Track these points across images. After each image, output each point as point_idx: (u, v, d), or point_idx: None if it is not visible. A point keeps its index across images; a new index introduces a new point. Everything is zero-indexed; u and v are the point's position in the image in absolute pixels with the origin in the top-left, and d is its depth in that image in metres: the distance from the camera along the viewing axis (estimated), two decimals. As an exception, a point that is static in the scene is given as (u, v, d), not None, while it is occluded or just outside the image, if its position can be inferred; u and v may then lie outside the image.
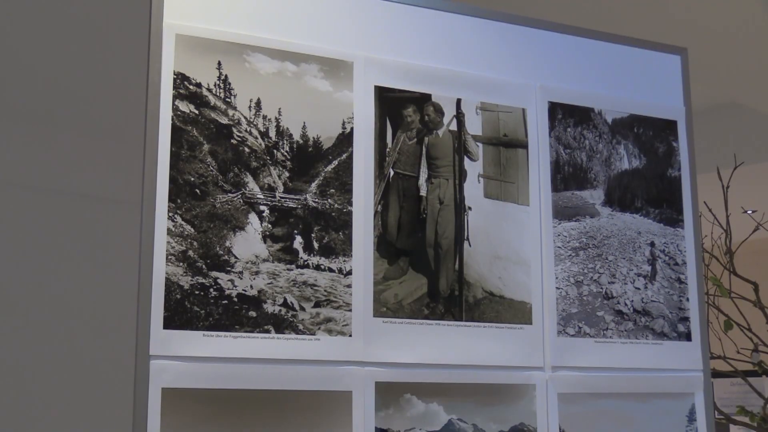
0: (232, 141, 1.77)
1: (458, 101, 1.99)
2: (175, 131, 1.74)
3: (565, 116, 2.12)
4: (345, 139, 1.87)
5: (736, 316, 3.90)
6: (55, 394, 4.19)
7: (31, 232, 4.34)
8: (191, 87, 1.76)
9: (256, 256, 1.75)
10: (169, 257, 1.69)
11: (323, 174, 1.84)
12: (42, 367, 4.21)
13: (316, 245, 1.81)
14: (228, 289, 1.72)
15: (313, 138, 1.84)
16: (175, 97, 1.75)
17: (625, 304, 2.09)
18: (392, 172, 1.91)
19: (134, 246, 1.72)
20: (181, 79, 1.75)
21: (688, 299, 2.17)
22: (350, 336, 1.80)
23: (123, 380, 2.29)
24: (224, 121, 1.77)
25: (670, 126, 2.23)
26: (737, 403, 4.15)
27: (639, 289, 2.11)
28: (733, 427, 6.16)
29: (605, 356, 2.04)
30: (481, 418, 1.88)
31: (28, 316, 4.25)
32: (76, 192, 4.45)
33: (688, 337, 2.15)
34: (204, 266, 1.71)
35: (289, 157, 1.81)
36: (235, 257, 1.74)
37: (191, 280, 1.70)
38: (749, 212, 4.10)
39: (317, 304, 1.78)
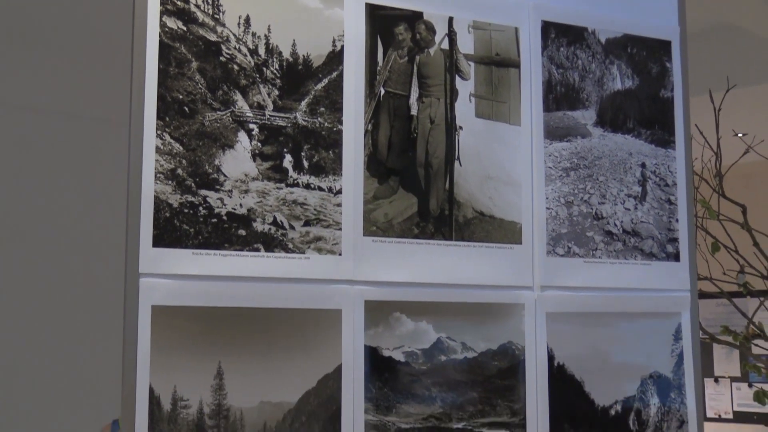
0: (220, 58, 1.75)
1: (450, 19, 1.96)
2: (163, 48, 1.71)
3: (559, 36, 2.09)
4: (335, 58, 1.85)
5: (723, 238, 3.93)
6: (45, 312, 4.21)
7: (18, 153, 4.31)
8: (179, 3, 1.73)
9: (246, 175, 1.74)
10: (158, 175, 1.68)
11: (313, 92, 1.82)
12: (30, 286, 4.23)
13: (305, 164, 1.80)
14: (217, 207, 1.71)
15: (303, 56, 1.82)
16: (162, 14, 1.71)
17: (615, 225, 2.09)
18: (383, 91, 1.89)
19: (122, 164, 1.70)
20: (168, -7, 1.72)
21: (677, 220, 2.17)
22: (340, 255, 1.80)
23: (113, 298, 2.30)
24: (213, 38, 1.75)
25: (663, 46, 2.21)
26: (721, 323, 4.20)
27: (629, 209, 2.12)
28: (717, 347, 6.26)
29: (594, 276, 2.05)
30: (469, 336, 1.90)
31: (15, 235, 4.24)
32: (63, 111, 4.41)
33: (676, 257, 2.16)
34: (193, 184, 1.70)
35: (278, 75, 1.79)
36: (225, 176, 1.73)
37: (180, 199, 1.69)
38: (740, 135, 4.09)
39: (307, 223, 1.78)
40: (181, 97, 1.71)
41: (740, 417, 6.27)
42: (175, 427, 1.64)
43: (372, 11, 1.89)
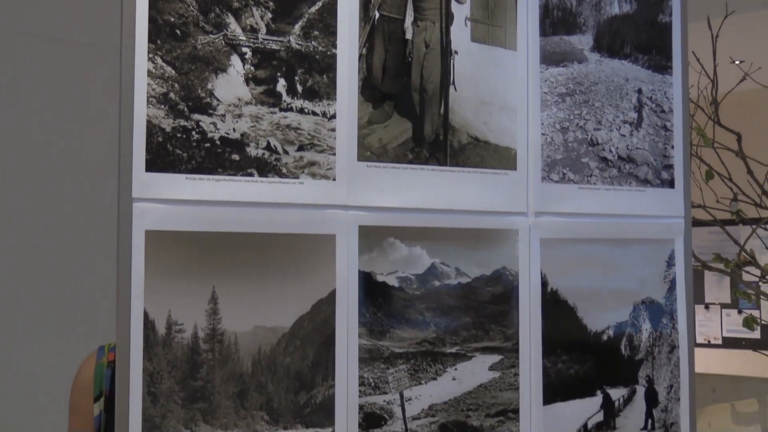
0: (212, -21, 1.72)
1: (446, -60, 1.93)
2: (153, -32, 1.67)
3: (556, -42, 2.06)
4: (329, -21, 1.81)
5: (717, 166, 3.93)
6: (38, 237, 4.21)
7: (7, 79, 4.26)
8: None
9: (239, 99, 1.73)
10: (150, 100, 1.66)
11: (307, 15, 1.79)
12: (23, 211, 4.22)
13: (299, 88, 1.78)
14: (210, 132, 1.70)
15: (296, -23, 1.78)
16: (152, -67, 1.67)
17: (610, 151, 2.09)
18: (377, 15, 1.86)
19: (114, 89, 1.68)
20: None
21: (672, 147, 2.17)
22: (334, 180, 1.79)
23: (106, 224, 2.29)
24: (204, -42, 1.71)
25: (662, -31, 2.18)
26: (713, 251, 4.23)
27: (624, 135, 2.11)
28: (708, 274, 6.31)
29: (588, 202, 2.05)
30: (463, 262, 1.90)
31: (7, 161, 4.22)
32: (53, 36, 4.35)
33: (671, 184, 2.16)
34: (186, 109, 1.68)
35: (271, -3, 1.76)
36: (218, 100, 1.71)
37: (173, 123, 1.67)
38: (737, 62, 4.06)
39: (301, 148, 1.77)
40: (172, 19, 1.68)
41: (729, 343, 6.35)
42: (170, 351, 1.65)
43: (366, -68, 1.85)
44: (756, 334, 6.07)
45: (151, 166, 1.66)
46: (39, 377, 4.00)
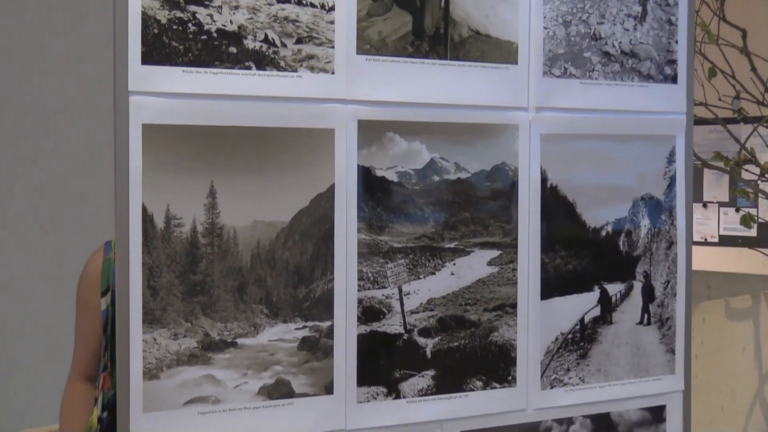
0: None
1: None
2: None
3: None
4: None
5: (721, 64, 3.88)
6: (34, 130, 4.18)
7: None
8: None
9: (235, -10, 1.69)
10: (145, -11, 1.62)
11: None
12: (22, 105, 4.18)
13: (297, -21, 1.73)
14: (207, 24, 1.67)
15: None
16: None
17: (613, 46, 2.05)
18: None
19: (108, -21, 1.64)
20: None
21: (677, 41, 2.13)
22: (332, 73, 1.77)
23: (103, 118, 2.27)
24: None
25: None
26: (714, 150, 4.22)
27: (628, 30, 2.07)
28: (707, 172, 6.30)
29: (590, 97, 2.02)
30: (463, 157, 1.89)
31: (2, 56, 4.16)
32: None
33: (674, 79, 2.13)
34: (181, 0, 1.65)
35: None
36: (213, -10, 1.67)
37: (168, 15, 1.64)
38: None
39: (299, 41, 1.74)
40: None
41: (725, 241, 6.39)
42: (168, 245, 1.66)
43: None
44: (752, 232, 6.10)
45: (147, 58, 1.63)
46: (41, 276, 4.03)
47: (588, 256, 2.04)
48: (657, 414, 2.15)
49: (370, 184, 1.81)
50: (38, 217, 4.15)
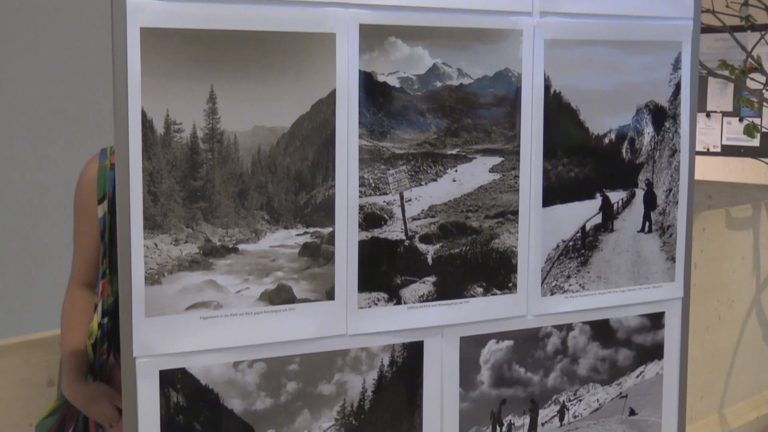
0: None
1: None
2: None
3: None
4: None
5: (729, -32, 3.81)
6: (30, 35, 4.13)
7: None
8: None
9: None
10: None
11: None
12: (20, 14, 4.12)
13: None
14: (204, -77, 1.62)
15: None
16: None
17: (621, -52, 2.00)
18: None
19: None
20: None
21: (685, -56, 2.08)
22: (334, -24, 1.73)
23: (101, 21, 2.23)
24: None
25: None
26: (719, 59, 4.17)
27: (636, -69, 2.02)
28: (711, 82, 6.26)
29: (595, 2, 1.98)
30: (465, 62, 1.86)
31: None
32: None
33: (681, -17, 2.09)
34: None
35: None
36: None
37: None
38: None
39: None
40: None
41: (728, 150, 6.38)
42: (168, 150, 1.64)
43: None
44: (755, 142, 6.09)
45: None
46: (41, 182, 4.02)
47: (590, 164, 2.03)
48: (656, 321, 2.17)
49: (371, 89, 1.79)
50: (39, 129, 4.12)
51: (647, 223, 2.12)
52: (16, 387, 2.30)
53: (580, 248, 2.04)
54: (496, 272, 1.95)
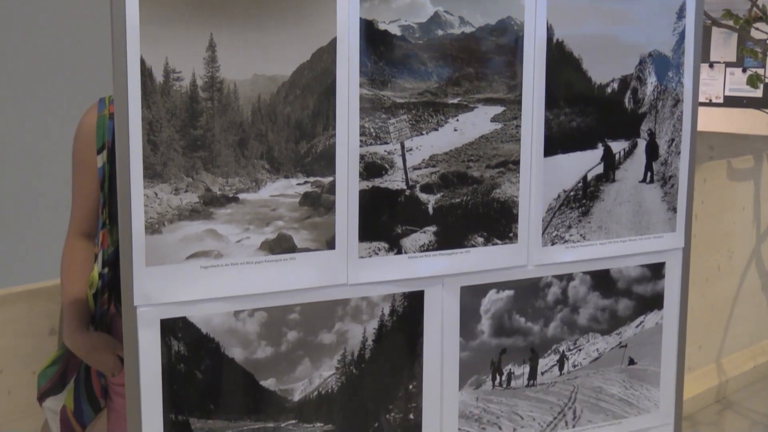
0: None
1: None
2: None
3: None
4: None
5: None
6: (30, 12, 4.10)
7: None
8: None
9: None
10: None
11: None
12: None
13: None
14: None
15: None
16: None
17: None
18: None
19: None
20: None
21: None
22: None
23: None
24: None
25: None
26: (724, 8, 4.13)
27: None
28: (715, 32, 6.20)
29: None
30: (468, 10, 1.84)
31: None
32: None
33: (687, -70, 2.06)
34: None
35: None
36: None
37: None
38: None
39: None
40: None
41: (730, 101, 6.34)
42: (168, 99, 1.63)
43: None
44: (758, 93, 6.05)
45: None
46: (40, 131, 4.01)
47: (593, 113, 2.02)
48: (656, 271, 2.17)
49: (372, 37, 1.77)
50: (37, 80, 4.10)
51: (649, 174, 2.12)
52: (19, 336, 2.31)
53: (582, 198, 2.04)
54: (497, 222, 1.95)
